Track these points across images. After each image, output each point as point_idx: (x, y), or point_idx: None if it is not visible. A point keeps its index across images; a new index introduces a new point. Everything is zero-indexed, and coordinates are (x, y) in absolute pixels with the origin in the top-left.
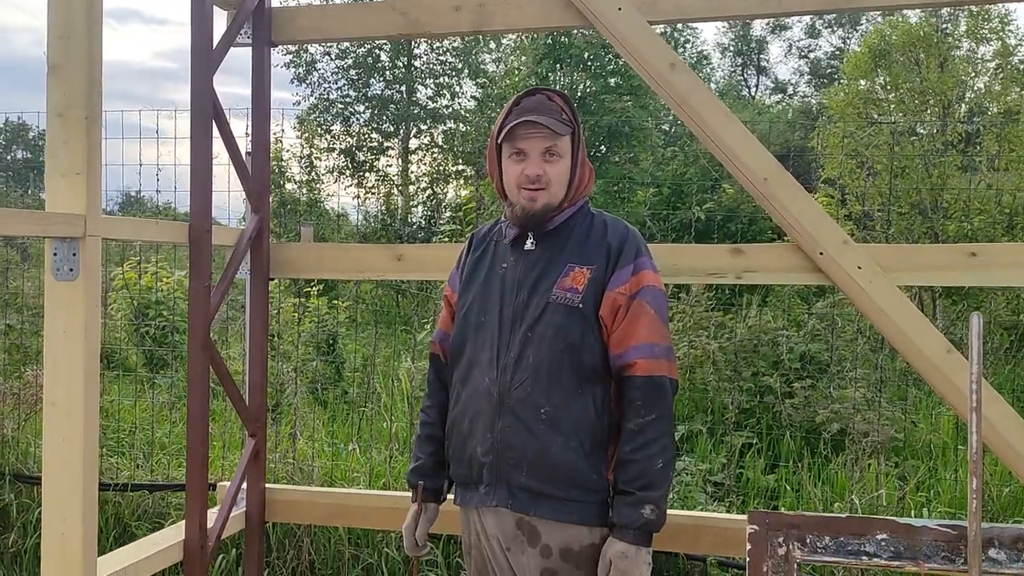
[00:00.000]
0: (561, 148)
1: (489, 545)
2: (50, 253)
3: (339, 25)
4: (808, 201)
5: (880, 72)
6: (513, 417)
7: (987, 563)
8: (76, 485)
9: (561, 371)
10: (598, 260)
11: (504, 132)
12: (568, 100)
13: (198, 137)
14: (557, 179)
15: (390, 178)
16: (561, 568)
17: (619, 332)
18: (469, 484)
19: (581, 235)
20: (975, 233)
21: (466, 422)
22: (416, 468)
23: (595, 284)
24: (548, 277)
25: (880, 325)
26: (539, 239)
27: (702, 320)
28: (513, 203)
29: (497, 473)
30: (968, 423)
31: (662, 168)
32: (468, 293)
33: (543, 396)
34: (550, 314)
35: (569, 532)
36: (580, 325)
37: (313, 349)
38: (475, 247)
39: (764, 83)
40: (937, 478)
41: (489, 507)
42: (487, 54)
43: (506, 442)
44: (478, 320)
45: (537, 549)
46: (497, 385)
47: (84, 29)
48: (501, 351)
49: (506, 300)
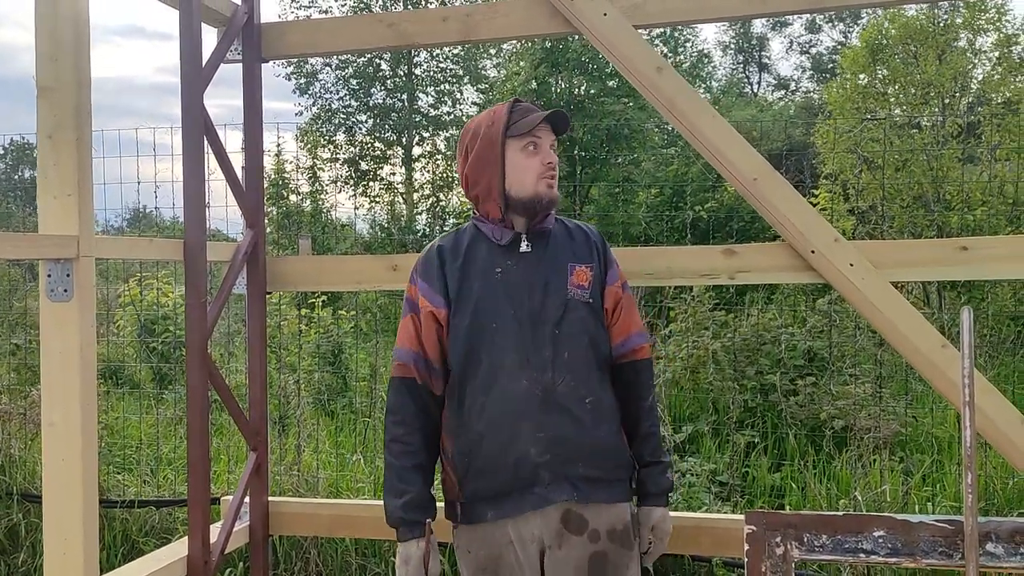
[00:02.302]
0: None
1: (524, 552)
2: (44, 274)
3: (329, 39)
4: (798, 200)
5: (879, 66)
6: (563, 412)
7: (984, 557)
8: (76, 504)
9: (589, 363)
10: (592, 259)
11: (514, 125)
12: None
13: (190, 154)
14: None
15: (394, 187)
16: (610, 549)
17: (621, 322)
18: (513, 491)
19: (564, 237)
20: (978, 224)
21: (505, 429)
22: (409, 503)
23: (596, 280)
24: (557, 276)
25: (874, 321)
26: (532, 241)
27: (704, 320)
28: (520, 197)
29: (555, 470)
30: (961, 417)
31: (663, 169)
32: (466, 302)
33: (585, 387)
34: (572, 311)
35: (615, 512)
36: (594, 318)
37: (319, 360)
38: (451, 258)
39: (766, 80)
40: (943, 472)
41: (543, 508)
42: (487, 59)
43: (561, 437)
44: (489, 326)
45: (585, 536)
46: (540, 384)
47: (72, 50)
48: (530, 351)
49: (517, 302)
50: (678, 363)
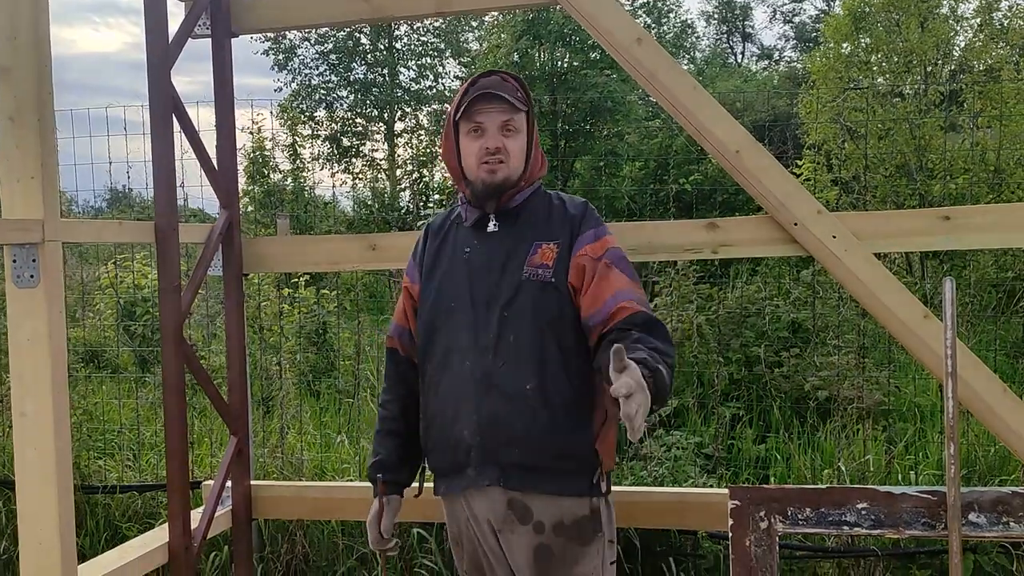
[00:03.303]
0: (518, 123)
1: (480, 530)
2: (9, 260)
3: (301, 13)
4: (780, 172)
5: (862, 35)
6: (500, 396)
7: (967, 527)
8: (51, 494)
9: (544, 347)
10: (563, 235)
11: (462, 109)
12: (522, 83)
13: (159, 133)
14: (515, 153)
15: (376, 163)
16: (555, 543)
17: (592, 290)
18: (456, 470)
19: (542, 214)
20: (960, 193)
21: (450, 408)
22: (376, 463)
23: (563, 257)
24: (517, 256)
25: (857, 293)
26: (501, 220)
27: (688, 294)
28: (472, 180)
29: (486, 453)
30: (943, 388)
31: (646, 142)
32: (432, 282)
33: (527, 373)
34: (525, 292)
35: (562, 505)
36: (556, 300)
37: (303, 340)
38: (432, 237)
39: (750, 50)
40: (925, 440)
41: (479, 488)
42: (469, 32)
43: (494, 421)
44: (448, 306)
45: (529, 526)
46: (480, 367)
47: (31, 28)
48: (479, 333)
49: (476, 283)
50: None
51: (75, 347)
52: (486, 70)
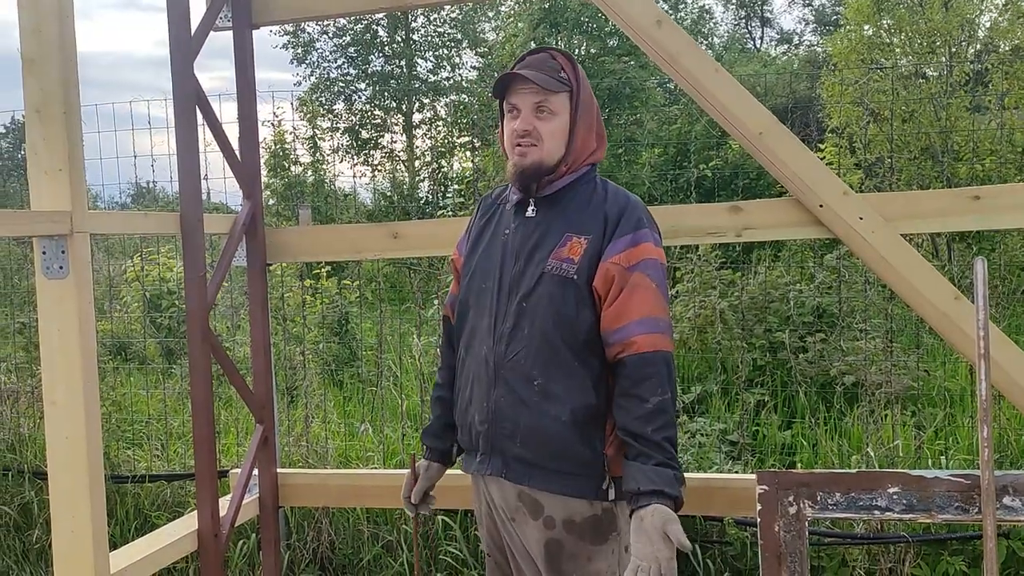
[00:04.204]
0: (554, 105)
1: (497, 515)
2: (39, 252)
3: (321, 3)
4: (805, 153)
5: (883, 16)
6: (506, 387)
7: (1002, 511)
8: (82, 482)
9: (555, 343)
10: (595, 230)
11: (497, 87)
12: (572, 60)
13: (183, 125)
14: (549, 135)
15: (395, 155)
16: (565, 539)
17: (617, 306)
18: (471, 451)
19: (582, 203)
20: (987, 174)
21: (468, 389)
22: (425, 430)
23: (591, 255)
24: (544, 246)
25: (885, 275)
26: (540, 205)
27: (711, 279)
28: (510, 161)
29: (491, 442)
30: (976, 370)
31: (666, 128)
32: (473, 257)
33: (536, 368)
34: (544, 285)
35: (570, 504)
36: (574, 297)
37: (325, 331)
38: (483, 211)
39: (769, 35)
40: (955, 425)
41: (487, 476)
42: (486, 23)
43: (500, 412)
44: (479, 286)
45: (540, 521)
46: (493, 354)
47: (56, 21)
48: (498, 320)
49: (505, 267)
50: (685, 323)
51: (103, 339)
52: (536, 47)
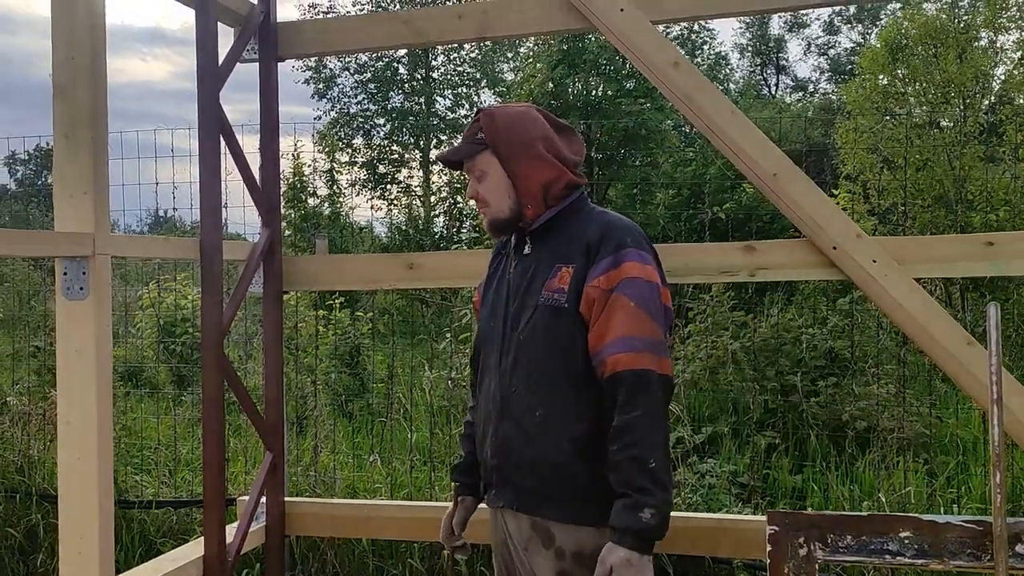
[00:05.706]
0: (481, 166)
1: (513, 545)
2: (60, 272)
3: (344, 37)
4: (819, 195)
5: (899, 66)
6: (512, 420)
7: (1014, 559)
8: (92, 503)
9: (554, 374)
10: (578, 257)
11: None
12: (485, 117)
13: (206, 153)
14: (489, 193)
15: (411, 190)
16: (574, 571)
17: (597, 328)
18: (488, 484)
19: (572, 233)
20: (1000, 224)
21: (483, 425)
22: (455, 466)
23: (578, 281)
24: (538, 279)
25: (898, 319)
26: (534, 241)
27: (723, 320)
28: None
29: (503, 475)
30: (989, 416)
31: (681, 169)
32: (486, 299)
33: (536, 399)
34: (538, 316)
35: (581, 534)
36: (568, 326)
37: (337, 361)
38: (495, 254)
39: (784, 82)
40: (967, 473)
41: (501, 508)
42: (505, 63)
43: (507, 444)
44: (489, 325)
45: (552, 551)
46: (500, 390)
47: (88, 49)
48: (503, 355)
49: (508, 305)
50: (697, 364)
51: (115, 365)
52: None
